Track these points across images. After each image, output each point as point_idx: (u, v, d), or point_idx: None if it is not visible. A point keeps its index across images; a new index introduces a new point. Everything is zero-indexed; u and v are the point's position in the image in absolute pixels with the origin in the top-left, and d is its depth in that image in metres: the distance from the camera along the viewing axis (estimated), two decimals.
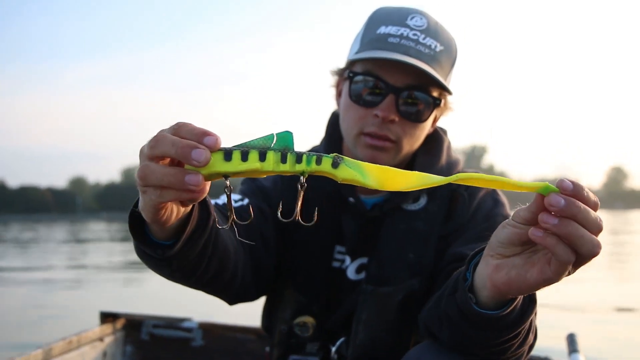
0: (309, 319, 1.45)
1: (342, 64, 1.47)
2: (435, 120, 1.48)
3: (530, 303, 1.00)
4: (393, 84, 1.32)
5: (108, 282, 9.35)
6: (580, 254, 0.80)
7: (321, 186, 1.49)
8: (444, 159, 1.50)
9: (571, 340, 2.12)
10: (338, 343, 1.44)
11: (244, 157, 0.80)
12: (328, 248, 1.47)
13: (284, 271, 1.48)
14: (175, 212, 0.90)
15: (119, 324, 2.42)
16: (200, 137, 0.78)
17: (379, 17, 1.39)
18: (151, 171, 0.79)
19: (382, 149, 1.36)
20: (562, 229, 0.79)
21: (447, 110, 1.48)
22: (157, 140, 0.79)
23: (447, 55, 1.37)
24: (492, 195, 1.46)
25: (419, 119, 1.37)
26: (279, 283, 1.48)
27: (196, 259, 1.09)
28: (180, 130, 0.80)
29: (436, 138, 1.52)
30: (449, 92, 1.39)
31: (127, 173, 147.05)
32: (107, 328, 2.34)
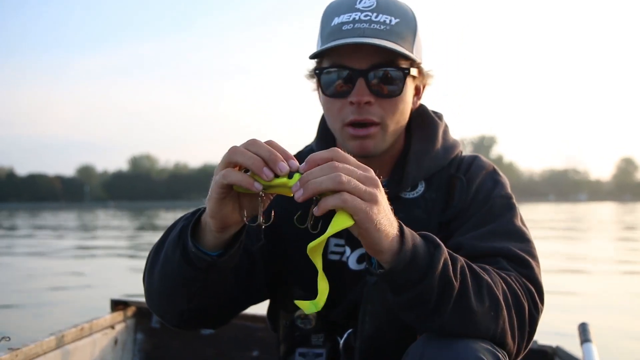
0: None
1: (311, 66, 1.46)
2: (418, 93, 1.46)
3: (436, 248, 1.05)
4: (359, 67, 1.32)
5: (118, 271, 9.40)
6: None
7: None
8: (439, 143, 1.48)
9: (583, 329, 2.09)
10: (346, 334, 1.44)
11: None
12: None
13: (281, 271, 1.46)
14: (233, 212, 1.03)
15: (130, 311, 2.43)
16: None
17: (330, 11, 1.39)
18: (241, 152, 0.95)
19: (367, 137, 1.36)
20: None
21: (427, 79, 1.46)
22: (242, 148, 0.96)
23: (405, 25, 1.36)
24: (492, 175, 1.44)
25: (393, 93, 1.35)
26: (277, 284, 1.48)
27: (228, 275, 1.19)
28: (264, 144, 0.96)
29: (430, 123, 1.50)
30: (415, 60, 1.37)
31: (134, 162, 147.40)
32: (118, 316, 2.35)
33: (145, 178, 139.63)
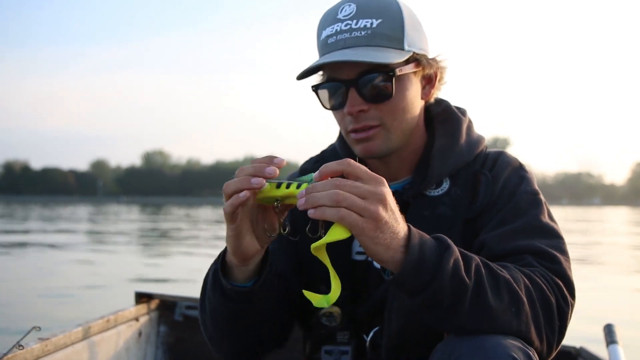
0: (334, 309, 1.43)
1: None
2: (431, 81, 1.43)
3: (445, 250, 1.06)
4: (347, 78, 1.33)
5: (139, 264, 9.45)
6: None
7: None
8: (463, 139, 1.46)
9: (609, 330, 2.07)
10: (372, 332, 1.44)
11: (279, 186, 1.04)
12: (345, 244, 1.42)
13: (308, 274, 1.46)
14: (251, 244, 1.13)
15: (154, 304, 2.45)
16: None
17: (321, 23, 1.40)
18: (232, 181, 1.05)
19: (368, 139, 1.36)
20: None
21: (437, 64, 1.42)
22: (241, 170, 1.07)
23: (388, 23, 1.33)
24: (518, 172, 1.42)
25: (386, 97, 1.33)
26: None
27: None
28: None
29: (453, 119, 1.49)
30: (404, 57, 1.33)
31: (147, 157, 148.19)
32: (142, 308, 2.37)
33: (158, 174, 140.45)
